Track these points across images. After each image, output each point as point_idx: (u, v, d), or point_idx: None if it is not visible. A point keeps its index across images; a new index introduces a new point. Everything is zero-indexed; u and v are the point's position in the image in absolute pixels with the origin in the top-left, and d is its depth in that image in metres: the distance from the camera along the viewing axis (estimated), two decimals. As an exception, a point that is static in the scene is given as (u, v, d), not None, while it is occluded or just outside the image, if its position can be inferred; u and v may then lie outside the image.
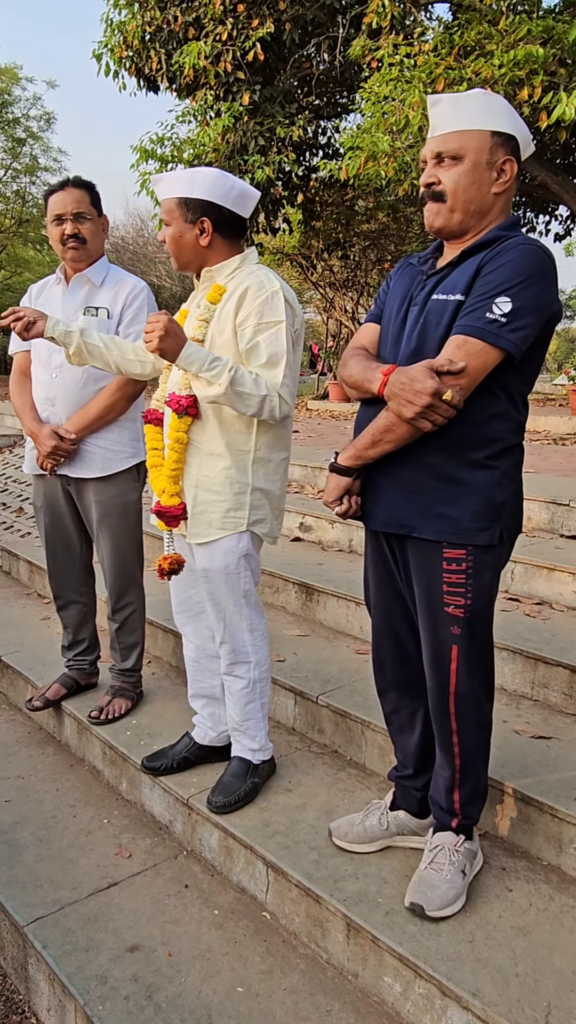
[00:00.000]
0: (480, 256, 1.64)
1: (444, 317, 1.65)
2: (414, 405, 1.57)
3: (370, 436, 1.71)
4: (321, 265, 13.65)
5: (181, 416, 2.04)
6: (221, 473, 2.06)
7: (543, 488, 3.92)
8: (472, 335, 1.58)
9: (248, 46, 7.82)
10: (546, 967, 1.64)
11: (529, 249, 1.60)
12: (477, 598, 1.71)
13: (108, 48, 8.90)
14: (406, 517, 1.72)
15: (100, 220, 2.59)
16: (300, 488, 4.94)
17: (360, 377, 1.74)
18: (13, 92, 17.60)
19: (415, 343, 1.69)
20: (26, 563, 4.37)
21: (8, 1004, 1.95)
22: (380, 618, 1.94)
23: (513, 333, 1.57)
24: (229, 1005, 1.72)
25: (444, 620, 1.73)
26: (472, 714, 1.78)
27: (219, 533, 2.09)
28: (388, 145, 6.30)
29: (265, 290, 1.99)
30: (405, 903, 1.79)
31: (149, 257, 21.45)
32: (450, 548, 1.69)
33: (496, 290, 1.58)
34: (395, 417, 1.64)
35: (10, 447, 8.30)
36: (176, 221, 2.04)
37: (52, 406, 2.60)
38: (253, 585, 2.18)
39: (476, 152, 1.64)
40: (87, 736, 2.75)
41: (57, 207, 2.50)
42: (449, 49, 6.24)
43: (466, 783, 1.83)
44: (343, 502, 1.80)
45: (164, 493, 2.09)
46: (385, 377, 1.65)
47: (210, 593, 2.16)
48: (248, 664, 2.20)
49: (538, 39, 5.80)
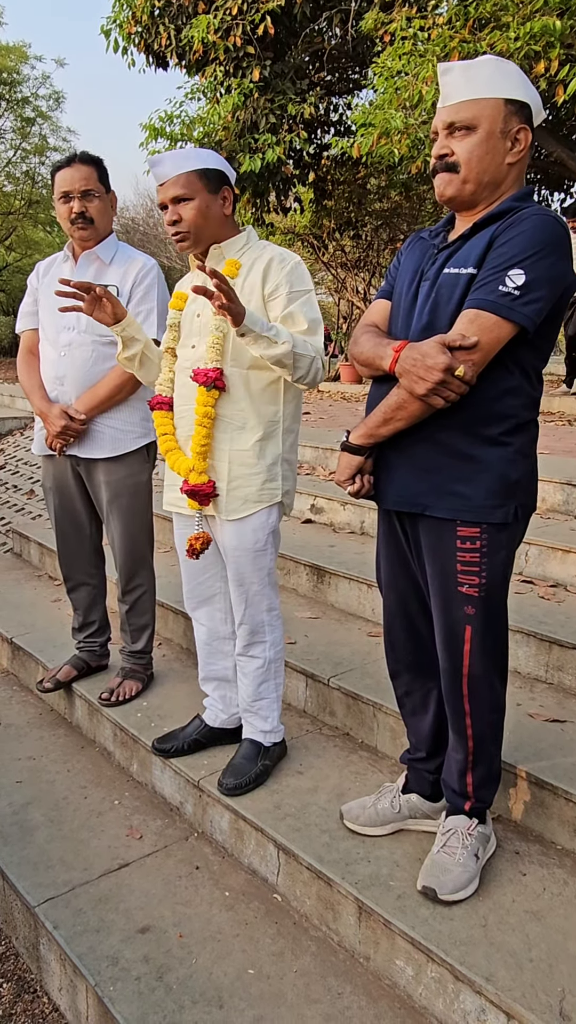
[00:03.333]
0: (493, 228, 1.60)
1: (456, 291, 1.61)
2: (426, 381, 1.54)
3: (382, 414, 1.67)
4: (333, 245, 13.50)
5: (210, 389, 2.00)
6: (255, 445, 2.05)
7: (558, 469, 3.87)
8: (485, 309, 1.54)
9: (258, 20, 7.68)
10: (560, 952, 1.62)
11: (542, 220, 1.55)
12: (492, 577, 1.68)
13: (117, 24, 8.76)
14: (419, 495, 1.69)
15: (108, 197, 2.54)
16: (312, 470, 4.90)
17: (371, 354, 1.71)
18: (22, 71, 17.45)
19: (427, 318, 1.65)
20: (37, 545, 4.37)
21: (20, 984, 1.95)
22: (392, 599, 1.92)
23: (527, 306, 1.53)
24: (240, 987, 1.71)
25: (458, 600, 1.70)
26: (486, 696, 1.76)
27: (255, 507, 2.07)
28: (401, 122, 6.19)
29: (288, 260, 2.01)
30: (417, 886, 1.78)
31: (160, 238, 21.32)
32: (464, 526, 1.66)
33: (509, 262, 1.53)
34: (407, 394, 1.60)
35: (21, 429, 8.29)
36: (200, 194, 1.99)
37: (61, 385, 2.57)
38: (275, 564, 2.17)
39: (490, 121, 1.58)
40: (98, 718, 2.74)
41: (64, 184, 2.45)
42: (464, 22, 6.09)
43: (479, 766, 1.81)
44: (355, 481, 1.76)
45: (193, 471, 2.04)
46: (396, 354, 1.61)
47: (236, 572, 2.13)
48: (264, 644, 2.19)
49: (555, 11, 5.65)
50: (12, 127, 18.21)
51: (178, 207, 1.99)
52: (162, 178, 2.00)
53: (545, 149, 8.09)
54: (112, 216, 2.58)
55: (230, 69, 8.16)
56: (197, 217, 2.00)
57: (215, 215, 2.02)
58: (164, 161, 1.99)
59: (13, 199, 19.21)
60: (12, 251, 21.20)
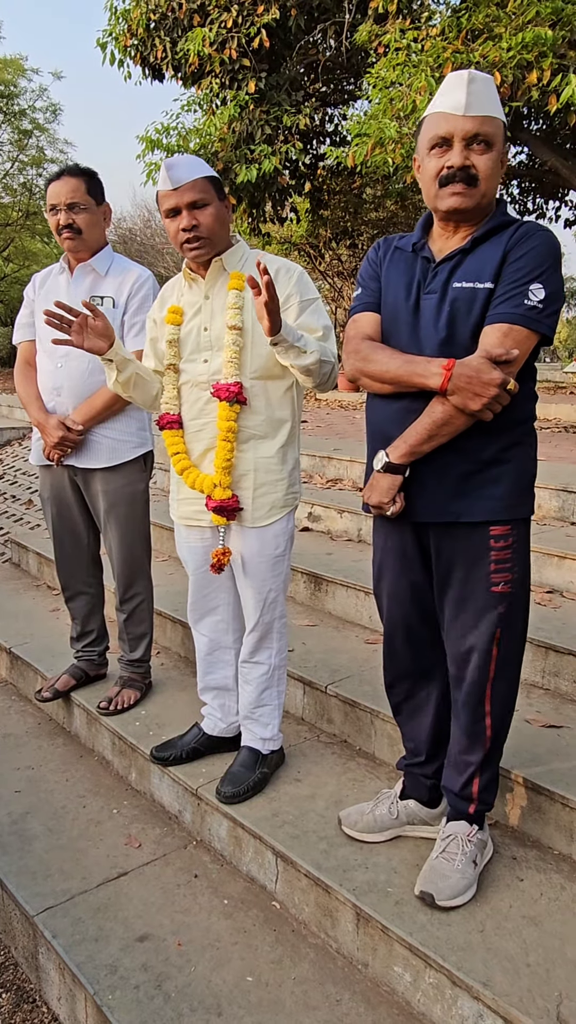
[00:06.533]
0: (501, 242, 1.65)
1: (475, 305, 1.65)
2: (482, 397, 1.58)
3: (426, 431, 1.66)
4: (329, 254, 13.58)
5: (232, 404, 2.00)
6: (279, 452, 2.09)
7: (553, 476, 3.89)
8: (516, 323, 1.60)
9: (253, 32, 7.75)
10: (557, 957, 1.63)
11: (548, 235, 1.66)
12: (522, 572, 1.76)
13: (112, 36, 8.84)
14: (450, 504, 1.72)
15: (100, 209, 2.55)
16: (309, 478, 4.92)
17: (404, 371, 1.67)
18: (19, 84, 17.56)
19: (445, 332, 1.67)
20: (35, 555, 4.38)
21: (19, 993, 1.95)
22: (395, 609, 1.92)
23: (549, 318, 1.63)
24: (239, 994, 1.71)
25: (491, 602, 1.73)
26: (507, 698, 1.80)
27: (282, 512, 2.11)
28: (395, 131, 6.24)
29: (294, 270, 2.04)
30: (415, 892, 1.78)
31: (157, 248, 21.41)
32: (496, 525, 1.71)
33: (528, 277, 1.61)
34: (454, 410, 1.62)
35: (19, 440, 8.31)
36: (214, 201, 1.99)
37: (58, 395, 2.58)
38: (290, 569, 2.20)
39: (501, 140, 1.66)
40: (96, 727, 2.75)
41: (52, 197, 2.49)
42: (457, 32, 6.16)
43: (488, 768, 1.83)
44: (396, 501, 1.75)
45: (219, 487, 2.04)
46: (448, 372, 1.61)
47: (255, 578, 2.13)
48: (271, 650, 2.21)
49: (547, 21, 5.71)
50: (9, 139, 18.34)
51: (196, 212, 1.96)
52: (178, 182, 1.94)
53: (539, 158, 8.14)
54: (104, 228, 2.60)
55: (226, 81, 8.23)
56: (214, 222, 1.98)
57: (226, 223, 2.04)
58: (180, 165, 1.95)
59: (10, 211, 19.30)
60: (10, 262, 21.29)
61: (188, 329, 2.09)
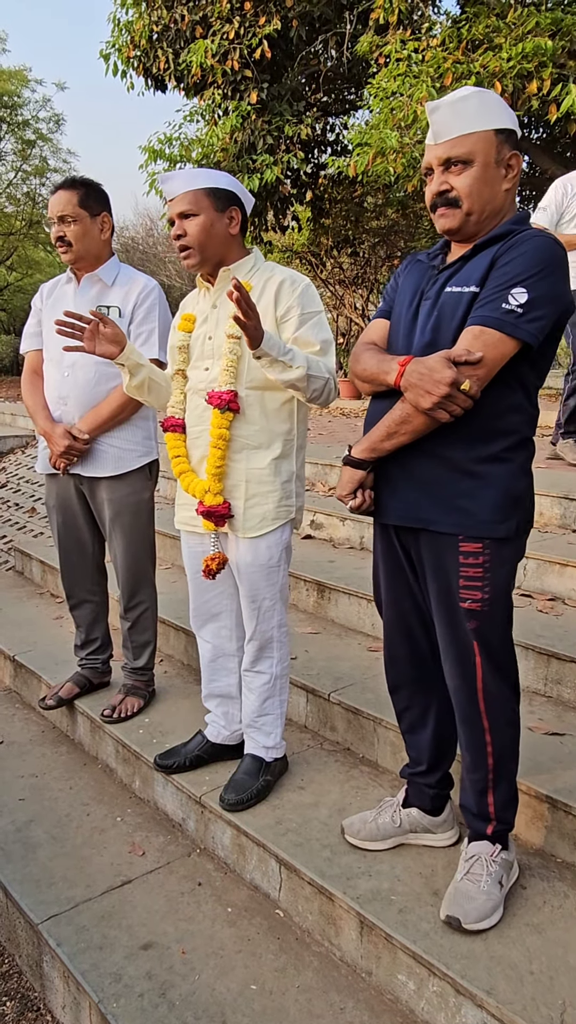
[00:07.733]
0: (494, 249, 1.64)
1: (459, 309, 1.65)
2: (432, 395, 1.56)
3: (385, 428, 1.69)
4: (331, 263, 13.61)
5: (224, 411, 2.03)
6: (272, 464, 2.09)
7: (555, 483, 3.90)
8: (489, 325, 1.57)
9: (255, 44, 7.80)
10: (561, 965, 1.63)
11: (543, 241, 1.61)
12: (495, 592, 1.69)
13: (115, 48, 8.90)
14: (422, 511, 1.71)
15: (96, 220, 2.56)
16: (311, 485, 4.93)
17: (375, 369, 1.73)
18: (23, 94, 17.67)
19: (429, 335, 1.68)
20: (39, 563, 4.39)
21: (23, 1001, 1.96)
22: (392, 615, 1.93)
23: (530, 324, 1.57)
24: (243, 1003, 1.72)
25: (462, 616, 1.71)
26: (502, 711, 1.76)
27: (273, 524, 2.11)
28: (396, 141, 6.28)
29: (299, 282, 2.05)
30: (441, 916, 1.74)
31: (159, 257, 21.49)
32: (467, 542, 1.68)
33: (511, 281, 1.58)
34: (411, 408, 1.63)
35: (23, 447, 8.34)
36: (205, 210, 2.03)
37: (64, 405, 2.60)
38: (287, 579, 2.20)
39: (485, 153, 1.63)
40: (100, 735, 2.76)
41: (49, 210, 2.55)
42: (457, 43, 6.21)
43: (500, 785, 1.78)
44: (356, 496, 1.78)
45: (209, 492, 2.07)
46: (402, 368, 1.63)
47: (250, 588, 2.15)
48: (272, 659, 2.21)
49: (547, 31, 5.76)
50: (13, 149, 18.42)
51: (183, 222, 2.04)
52: (171, 194, 2.05)
53: (540, 166, 8.19)
54: (103, 238, 2.60)
55: (228, 92, 8.29)
56: (200, 233, 2.03)
57: (219, 233, 2.06)
58: (174, 179, 2.05)
59: (14, 220, 19.40)
60: (13, 271, 21.38)
61: (196, 336, 2.15)
